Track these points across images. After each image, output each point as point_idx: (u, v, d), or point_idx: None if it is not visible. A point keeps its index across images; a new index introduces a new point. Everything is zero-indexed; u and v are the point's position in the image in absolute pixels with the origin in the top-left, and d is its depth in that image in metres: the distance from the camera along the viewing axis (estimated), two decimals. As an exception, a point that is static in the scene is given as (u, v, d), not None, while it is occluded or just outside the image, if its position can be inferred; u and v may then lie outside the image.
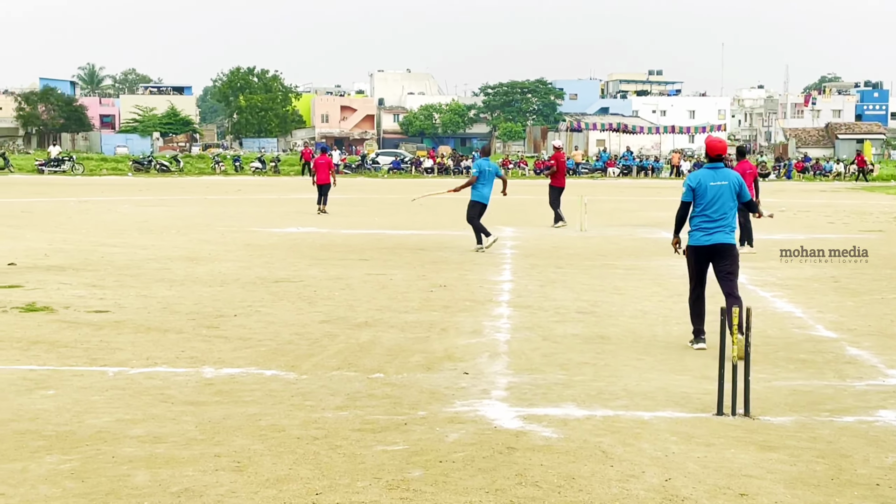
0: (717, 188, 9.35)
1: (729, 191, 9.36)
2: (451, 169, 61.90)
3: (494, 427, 6.58)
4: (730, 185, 9.37)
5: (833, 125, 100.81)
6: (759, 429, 6.61)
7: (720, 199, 9.33)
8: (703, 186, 9.38)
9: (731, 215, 9.39)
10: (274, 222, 23.46)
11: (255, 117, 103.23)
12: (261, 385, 7.72)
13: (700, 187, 9.39)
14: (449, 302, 11.83)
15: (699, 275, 9.51)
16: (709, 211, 9.34)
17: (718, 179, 9.38)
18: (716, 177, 9.40)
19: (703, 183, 9.39)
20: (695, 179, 9.51)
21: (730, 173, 9.51)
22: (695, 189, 9.41)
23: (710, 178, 9.40)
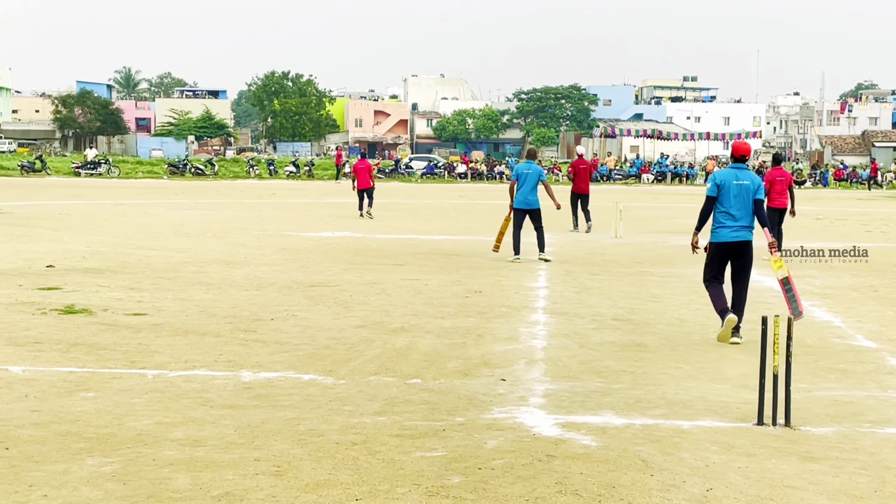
0: (740, 187, 9.88)
1: (751, 191, 9.89)
2: (485, 174, 61.86)
3: (533, 434, 6.56)
4: (752, 185, 9.91)
5: (869, 133, 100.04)
6: (801, 439, 6.55)
7: (742, 197, 9.87)
8: (728, 184, 9.89)
9: (751, 214, 9.90)
10: (309, 226, 23.55)
11: (289, 121, 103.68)
12: (299, 389, 7.74)
13: (725, 185, 9.90)
14: (485, 308, 11.82)
15: (721, 269, 10.03)
16: (732, 209, 9.86)
17: (742, 179, 9.92)
18: (739, 176, 9.94)
19: (727, 181, 9.90)
20: (720, 177, 10.01)
21: (751, 174, 10.04)
22: (720, 186, 9.91)
23: (733, 177, 9.94)
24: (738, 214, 9.86)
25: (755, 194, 9.93)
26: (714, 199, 9.95)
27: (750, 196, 9.89)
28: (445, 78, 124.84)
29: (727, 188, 9.88)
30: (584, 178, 23.71)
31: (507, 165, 64.19)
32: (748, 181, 9.93)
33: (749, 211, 9.91)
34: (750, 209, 9.92)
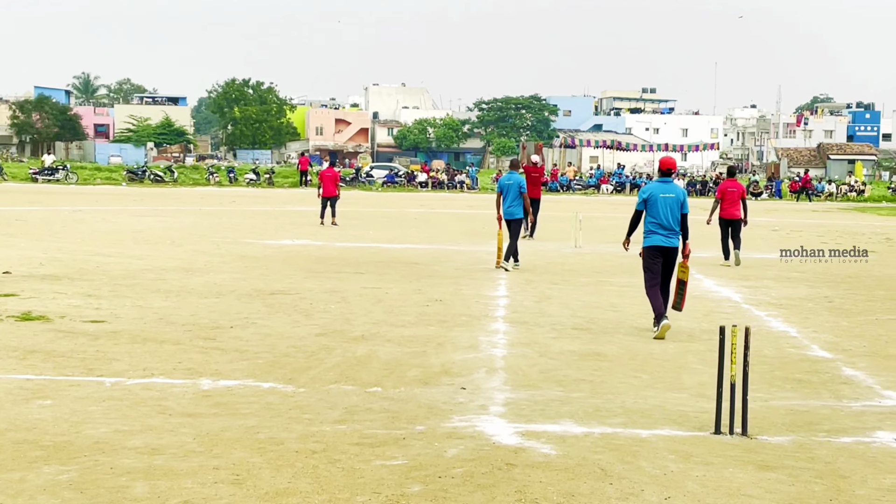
0: (666, 199, 10.97)
1: (676, 202, 10.97)
2: (445, 183, 61.92)
3: (493, 443, 6.59)
4: (676, 198, 11.00)
5: (825, 145, 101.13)
6: (757, 448, 6.62)
7: (670, 208, 10.94)
8: (655, 197, 11.00)
9: (678, 223, 10.94)
10: (269, 234, 23.45)
11: (249, 129, 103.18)
12: (258, 397, 7.71)
13: (652, 198, 11.01)
14: (445, 316, 11.84)
15: (656, 272, 11.00)
16: (661, 219, 10.94)
17: (668, 192, 11.01)
18: (666, 190, 11.03)
19: (655, 194, 11.01)
20: (648, 191, 11.13)
21: (677, 187, 11.15)
22: (647, 199, 11.03)
23: (661, 190, 11.03)
24: (666, 224, 10.93)
25: (682, 207, 10.98)
26: (641, 213, 11.10)
27: (677, 207, 10.96)
28: (406, 87, 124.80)
29: (654, 200, 10.98)
30: (536, 184, 23.78)
31: (467, 175, 64.28)
32: (674, 194, 11.00)
33: (676, 221, 10.96)
34: (677, 219, 10.96)
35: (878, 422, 7.42)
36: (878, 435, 7.04)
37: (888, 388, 8.58)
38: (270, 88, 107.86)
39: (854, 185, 64.80)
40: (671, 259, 11.06)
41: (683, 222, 10.99)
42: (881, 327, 11.79)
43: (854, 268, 18.64)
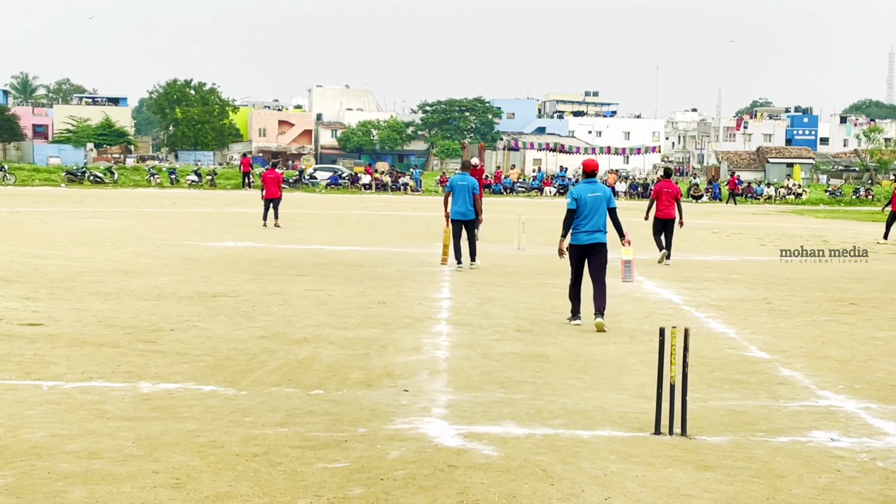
0: (594, 198, 11.63)
1: (603, 201, 11.65)
2: (389, 185, 61.86)
3: (435, 445, 6.60)
4: (603, 196, 11.68)
5: (764, 149, 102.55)
6: (696, 448, 6.70)
7: (596, 207, 11.59)
8: (584, 197, 11.64)
9: (604, 220, 11.61)
10: (211, 236, 23.28)
11: (191, 130, 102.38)
12: (199, 401, 7.66)
13: (581, 198, 11.63)
14: (388, 319, 11.83)
15: (579, 268, 11.72)
16: (589, 217, 11.58)
17: (595, 191, 11.68)
18: (592, 189, 11.70)
19: (584, 195, 11.66)
20: (577, 192, 11.75)
21: (602, 187, 11.85)
22: (577, 199, 11.62)
23: (588, 190, 11.70)
24: (593, 221, 11.58)
25: (608, 203, 11.70)
26: (574, 212, 11.62)
27: (604, 204, 11.64)
28: (350, 89, 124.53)
29: (583, 200, 11.61)
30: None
31: (411, 177, 64.27)
32: (600, 192, 11.70)
33: (603, 217, 11.63)
34: (604, 216, 11.64)
35: (814, 421, 7.54)
36: (814, 434, 7.15)
37: (824, 388, 8.72)
38: (213, 89, 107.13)
39: (792, 189, 65.77)
40: (599, 255, 11.61)
41: (613, 216, 11.73)
42: (818, 328, 11.97)
43: (792, 269, 18.91)
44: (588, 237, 11.54)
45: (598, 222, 11.57)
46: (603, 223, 11.61)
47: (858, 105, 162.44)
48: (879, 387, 8.81)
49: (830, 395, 8.47)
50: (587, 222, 11.56)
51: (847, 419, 7.64)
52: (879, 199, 60.54)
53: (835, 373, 9.36)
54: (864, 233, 31.06)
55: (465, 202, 17.47)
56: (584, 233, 11.56)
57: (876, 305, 14.11)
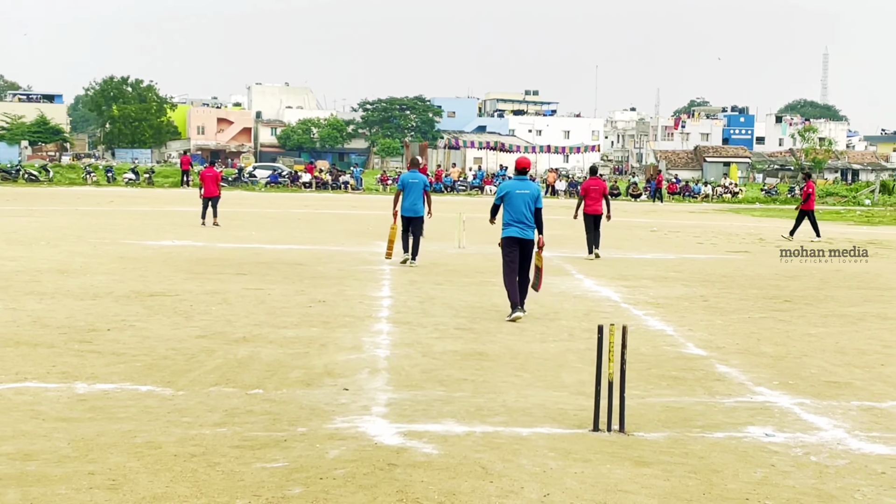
0: (522, 195, 12.09)
1: (531, 198, 12.11)
2: (330, 184, 61.64)
3: (375, 443, 6.59)
4: (531, 193, 12.15)
5: (701, 148, 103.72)
6: (634, 444, 6.76)
7: (525, 203, 12.05)
8: (511, 193, 12.13)
9: (531, 216, 12.05)
10: (148, 235, 23.02)
11: (128, 128, 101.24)
12: (136, 401, 7.57)
13: (509, 194, 12.15)
14: (328, 317, 11.79)
15: (513, 260, 12.03)
16: (517, 213, 12.03)
17: (523, 188, 12.15)
18: (521, 186, 12.19)
19: (511, 190, 12.17)
20: (505, 188, 12.31)
21: (531, 184, 12.35)
22: (504, 195, 12.18)
23: (516, 186, 12.20)
24: (521, 217, 12.04)
25: (536, 202, 12.12)
26: (499, 206, 12.32)
27: (531, 202, 12.11)
28: (290, 87, 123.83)
29: (511, 196, 12.11)
30: None
31: (351, 175, 64.09)
32: (528, 190, 12.17)
33: (531, 214, 12.07)
34: (532, 213, 12.08)
35: (750, 417, 7.64)
36: (750, 430, 7.25)
37: (759, 384, 8.84)
38: (150, 87, 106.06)
39: (729, 187, 66.62)
40: (526, 249, 12.07)
41: (538, 216, 12.17)
42: (753, 325, 12.14)
43: (728, 267, 19.15)
44: (519, 231, 12.01)
45: (527, 219, 12.04)
46: (531, 219, 12.08)
47: (793, 105, 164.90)
48: (813, 383, 8.95)
49: (765, 391, 8.60)
50: (516, 217, 12.02)
51: (782, 415, 7.76)
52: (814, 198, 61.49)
53: (770, 369, 9.50)
54: (800, 230, 31.53)
55: (415, 198, 17.87)
56: (515, 227, 12.04)
57: (810, 302, 14.33)
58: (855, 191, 65.30)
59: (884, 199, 58.45)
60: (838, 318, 12.84)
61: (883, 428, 7.42)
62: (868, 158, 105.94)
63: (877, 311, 13.61)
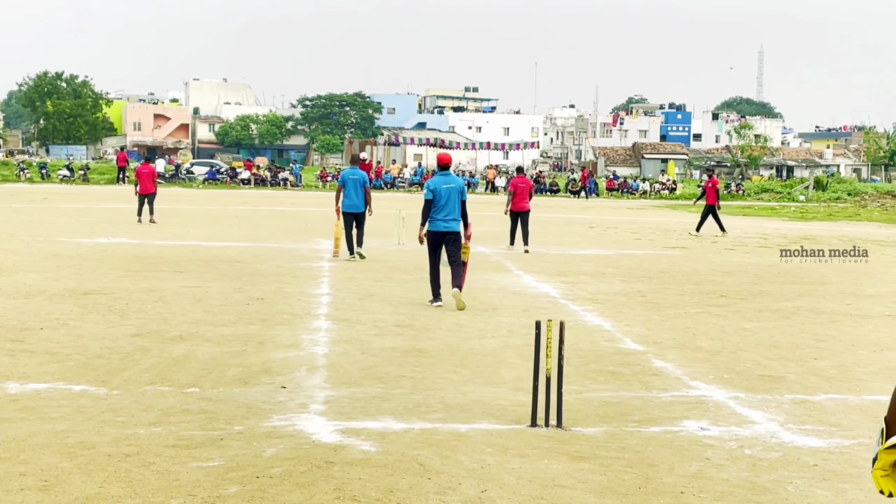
0: (448, 190, 12.64)
1: (456, 192, 12.67)
2: (269, 181, 61.26)
3: (313, 441, 6.56)
4: (457, 188, 12.74)
5: (639, 145, 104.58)
6: (571, 439, 6.79)
7: (450, 198, 12.58)
8: (439, 189, 12.64)
9: (458, 210, 12.60)
10: (83, 232, 22.70)
11: (63, 124, 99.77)
12: (69, 401, 7.46)
13: (437, 189, 12.63)
14: (266, 315, 11.71)
15: (437, 253, 12.66)
16: (444, 207, 12.56)
17: (449, 183, 12.70)
18: (447, 181, 12.73)
19: (439, 186, 12.67)
20: (433, 184, 12.76)
21: (456, 179, 13.04)
22: (434, 191, 12.61)
23: (443, 182, 12.71)
24: (448, 210, 12.58)
25: (461, 195, 12.71)
26: (431, 202, 12.64)
27: (457, 196, 12.65)
28: (228, 82, 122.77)
29: (439, 191, 12.61)
30: None
31: (290, 172, 63.75)
32: (454, 184, 12.76)
33: (457, 207, 12.62)
34: (458, 206, 12.63)
35: (686, 411, 7.72)
36: (685, 424, 7.33)
37: (695, 378, 8.93)
38: (85, 82, 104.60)
39: (666, 184, 67.28)
40: (454, 241, 12.63)
41: (464, 209, 12.74)
42: (690, 320, 12.27)
43: (666, 263, 19.34)
44: (444, 225, 12.59)
45: (452, 211, 12.61)
46: (457, 212, 12.65)
47: (730, 102, 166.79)
48: (748, 377, 9.07)
49: (701, 385, 8.69)
50: (443, 211, 12.59)
51: (717, 408, 7.85)
52: (750, 194, 62.40)
53: (705, 363, 9.60)
54: (735, 226, 31.91)
55: (356, 195, 18.23)
56: (440, 220, 12.60)
57: (745, 297, 14.52)
58: (789, 187, 66.29)
59: (818, 195, 59.41)
60: (773, 313, 13.02)
61: (815, 421, 7.53)
62: (802, 155, 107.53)
63: (810, 305, 13.83)
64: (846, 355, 10.24)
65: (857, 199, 55.15)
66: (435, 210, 12.60)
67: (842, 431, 7.24)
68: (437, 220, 12.61)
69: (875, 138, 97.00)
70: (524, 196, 21.76)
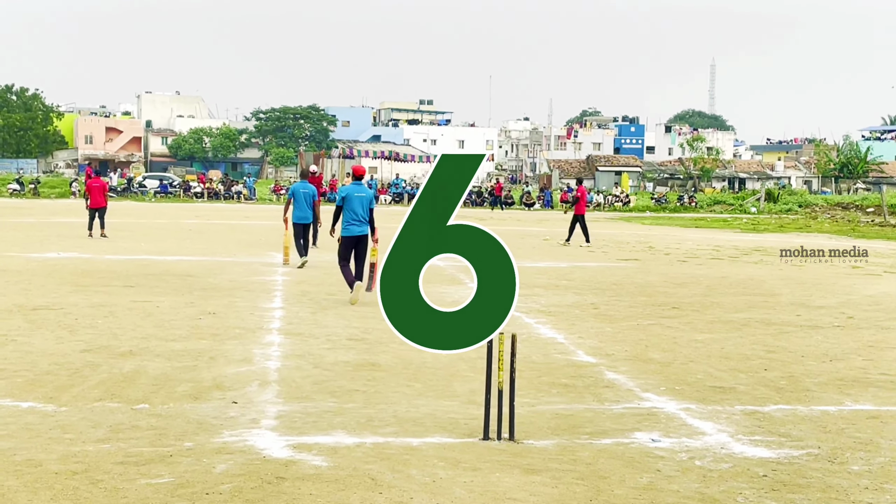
0: (359, 198, 14.33)
1: (366, 200, 14.39)
2: (222, 194, 60.92)
3: (263, 457, 6.51)
4: (366, 196, 14.45)
5: (594, 157, 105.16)
6: (523, 452, 6.80)
7: (361, 204, 14.31)
8: (350, 196, 14.32)
9: (366, 216, 14.36)
10: (32, 247, 22.43)
11: (13, 137, 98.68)
12: (16, 418, 7.35)
13: (348, 196, 14.33)
14: (218, 330, 11.63)
15: (347, 254, 14.40)
16: (355, 213, 14.27)
17: (360, 192, 14.42)
18: (358, 190, 14.44)
19: (351, 194, 14.37)
20: (345, 191, 14.50)
21: (366, 189, 14.60)
22: (344, 198, 14.31)
23: (355, 190, 14.43)
24: (358, 216, 14.28)
25: (370, 203, 14.43)
26: (341, 207, 14.34)
27: (366, 203, 14.37)
28: (181, 95, 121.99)
29: (350, 198, 14.27)
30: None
31: (244, 185, 63.46)
32: (364, 193, 14.46)
33: (366, 214, 14.35)
34: (367, 213, 14.36)
35: (637, 423, 7.76)
36: (636, 436, 7.36)
37: (647, 390, 8.98)
38: (35, 95, 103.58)
39: (620, 196, 67.72)
40: (362, 243, 14.46)
41: (371, 216, 14.44)
42: (642, 332, 12.34)
43: (619, 275, 19.45)
44: (356, 229, 14.32)
45: (362, 218, 14.33)
46: (366, 217, 14.37)
47: (682, 115, 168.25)
48: (699, 388, 9.13)
49: (653, 396, 8.74)
50: (354, 217, 14.27)
51: (668, 420, 7.90)
52: (702, 206, 62.95)
53: (657, 375, 9.66)
54: (688, 238, 32.20)
55: (305, 207, 19.70)
56: (353, 225, 14.30)
57: (697, 309, 14.63)
58: (741, 199, 66.93)
59: (769, 206, 60.02)
60: (724, 324, 13.13)
61: (765, 432, 7.60)
62: (754, 167, 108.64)
63: (760, 316, 13.96)
64: (796, 366, 10.34)
65: (807, 211, 55.79)
66: (347, 215, 14.27)
67: (791, 442, 7.31)
68: (350, 225, 14.26)
69: (825, 150, 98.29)
70: None
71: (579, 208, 28.80)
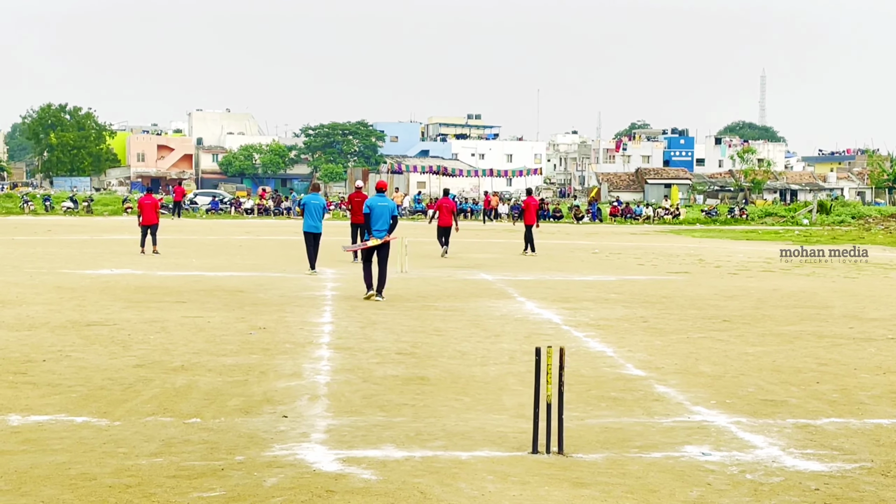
0: (382, 208, 16.59)
1: (388, 210, 16.60)
2: (272, 210, 61.38)
3: (313, 470, 6.56)
4: (389, 207, 16.67)
5: (642, 170, 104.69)
6: (572, 466, 6.79)
7: (383, 214, 16.51)
8: (376, 206, 16.62)
9: (388, 224, 16.48)
10: (86, 264, 22.75)
11: (66, 155, 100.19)
12: (71, 433, 7.47)
13: (374, 207, 16.63)
14: (268, 344, 11.72)
15: (371, 257, 16.64)
16: (379, 221, 16.49)
17: (383, 202, 16.74)
18: (382, 201, 16.77)
19: (375, 205, 16.64)
20: (371, 202, 16.79)
21: (390, 200, 16.91)
22: (371, 207, 16.65)
23: (378, 201, 16.72)
24: (381, 224, 16.48)
25: (392, 213, 16.60)
26: (369, 215, 16.57)
27: (389, 213, 16.53)
28: (231, 112, 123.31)
29: (374, 208, 16.57)
30: (360, 209, 23.87)
31: (291, 200, 63.89)
32: (386, 203, 16.72)
33: (388, 222, 16.48)
34: (388, 221, 16.49)
35: (687, 437, 7.71)
36: (687, 449, 7.32)
37: (697, 403, 8.93)
38: (88, 114, 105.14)
39: (670, 209, 67.32)
40: (384, 248, 16.46)
41: (394, 223, 16.62)
42: (692, 345, 12.26)
43: (668, 288, 19.34)
44: (379, 234, 16.43)
45: (385, 225, 16.46)
46: (388, 226, 16.47)
47: (732, 127, 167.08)
48: (750, 401, 9.06)
49: (703, 410, 8.68)
50: (379, 224, 16.42)
51: (718, 433, 7.84)
52: (753, 219, 62.42)
53: (707, 388, 9.60)
54: (739, 251, 31.94)
55: (316, 218, 21.37)
56: (378, 231, 16.45)
57: (748, 322, 14.51)
58: (793, 211, 66.33)
59: (822, 218, 59.43)
60: (775, 337, 13.01)
61: (817, 445, 7.52)
62: (806, 179, 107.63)
63: (812, 329, 13.82)
64: (849, 379, 10.22)
65: (860, 223, 55.10)
66: (373, 224, 16.47)
67: (844, 455, 7.23)
68: (377, 230, 16.43)
69: (879, 161, 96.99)
70: (447, 215, 27.01)
71: (529, 218, 29.47)
